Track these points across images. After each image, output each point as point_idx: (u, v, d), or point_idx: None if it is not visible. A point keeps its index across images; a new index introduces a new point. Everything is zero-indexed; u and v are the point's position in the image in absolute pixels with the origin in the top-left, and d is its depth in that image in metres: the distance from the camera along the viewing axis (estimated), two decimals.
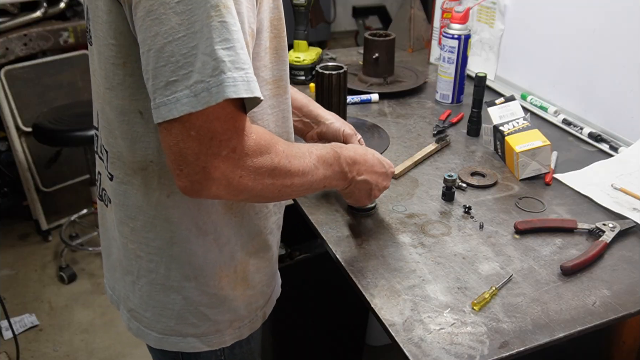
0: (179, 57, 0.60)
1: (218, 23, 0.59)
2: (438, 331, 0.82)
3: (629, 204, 1.10)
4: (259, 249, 0.90)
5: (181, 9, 0.59)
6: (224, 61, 0.60)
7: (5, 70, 2.52)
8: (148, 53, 0.62)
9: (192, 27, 0.59)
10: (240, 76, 0.61)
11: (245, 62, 0.62)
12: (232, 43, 0.61)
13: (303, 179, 0.77)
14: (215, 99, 0.60)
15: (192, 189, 0.66)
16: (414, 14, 2.04)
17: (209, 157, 0.64)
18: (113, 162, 0.81)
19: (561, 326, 0.83)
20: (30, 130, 2.48)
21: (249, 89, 0.62)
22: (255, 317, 0.94)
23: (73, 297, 2.42)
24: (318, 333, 1.74)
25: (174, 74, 0.60)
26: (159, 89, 0.61)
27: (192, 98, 0.60)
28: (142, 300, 0.87)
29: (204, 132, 0.62)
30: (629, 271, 0.95)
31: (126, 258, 0.86)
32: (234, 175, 0.67)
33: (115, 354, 2.14)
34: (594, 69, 1.40)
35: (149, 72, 0.62)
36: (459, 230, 1.05)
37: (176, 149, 0.63)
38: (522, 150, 1.19)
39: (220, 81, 0.60)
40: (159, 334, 0.88)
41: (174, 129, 0.62)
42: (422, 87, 1.72)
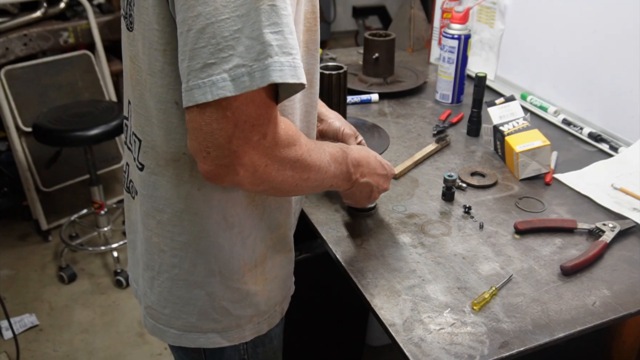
0: (220, 39, 0.59)
1: (268, 6, 0.59)
2: (438, 331, 0.82)
3: (629, 204, 1.10)
4: (277, 243, 0.90)
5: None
6: (272, 45, 0.59)
7: (5, 70, 2.52)
8: (187, 33, 0.60)
9: (237, 10, 0.58)
10: (288, 61, 0.60)
11: (293, 47, 0.61)
12: (280, 27, 0.60)
13: (318, 174, 0.78)
14: (258, 84, 0.59)
15: (217, 173, 0.65)
16: (414, 14, 2.04)
17: (241, 141, 0.62)
18: (146, 152, 0.80)
19: (561, 326, 0.83)
20: (30, 130, 2.48)
21: (296, 75, 0.61)
22: (274, 313, 0.94)
23: (73, 297, 2.42)
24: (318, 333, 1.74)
25: (212, 56, 0.59)
26: (194, 71, 0.60)
27: (228, 82, 0.59)
28: (160, 296, 0.86)
29: (239, 114, 0.61)
30: (629, 271, 0.95)
31: (148, 252, 0.85)
32: (261, 163, 0.66)
33: (115, 354, 2.14)
34: (594, 69, 1.40)
35: (185, 52, 0.61)
36: (459, 230, 1.05)
37: (207, 130, 0.62)
38: (522, 150, 1.19)
39: (266, 65, 0.59)
40: (178, 331, 0.88)
41: (208, 110, 0.61)
42: (422, 87, 1.72)
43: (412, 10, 2.04)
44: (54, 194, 2.81)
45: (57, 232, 2.73)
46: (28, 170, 2.66)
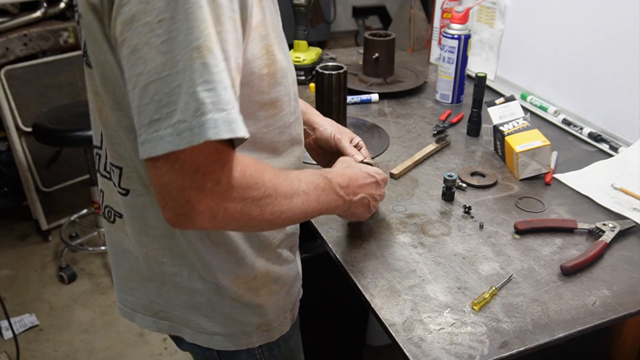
0: (163, 95, 0.60)
1: (200, 64, 0.60)
2: (438, 331, 0.82)
3: (629, 204, 1.10)
4: (275, 256, 0.91)
5: (165, 48, 0.60)
6: (205, 103, 0.60)
7: (5, 70, 2.52)
8: (133, 91, 0.62)
9: (175, 66, 0.60)
10: (222, 117, 0.61)
11: (227, 103, 0.62)
12: (213, 84, 0.61)
13: (293, 207, 0.78)
14: (197, 139, 0.60)
15: (177, 222, 0.67)
16: (414, 14, 2.04)
17: (192, 191, 0.64)
18: (130, 177, 0.81)
19: (561, 326, 0.83)
20: (30, 130, 2.48)
21: (231, 130, 0.62)
22: (284, 320, 0.96)
23: (73, 297, 2.42)
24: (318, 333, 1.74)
25: (157, 112, 0.61)
26: (143, 127, 0.62)
27: (175, 137, 0.60)
28: (170, 302, 0.89)
29: (187, 165, 0.63)
30: (629, 271, 0.95)
31: (148, 266, 0.88)
32: (219, 208, 0.67)
33: (115, 354, 2.14)
34: (594, 69, 1.40)
35: (134, 109, 0.63)
36: (459, 230, 1.05)
37: (160, 182, 0.64)
38: (522, 150, 1.19)
39: (202, 122, 0.60)
40: (192, 330, 0.91)
41: (159, 163, 0.63)
42: (422, 87, 1.72)
43: (412, 10, 2.04)
44: (54, 194, 2.81)
45: (57, 232, 2.74)
46: (28, 170, 2.66)
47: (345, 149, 1.04)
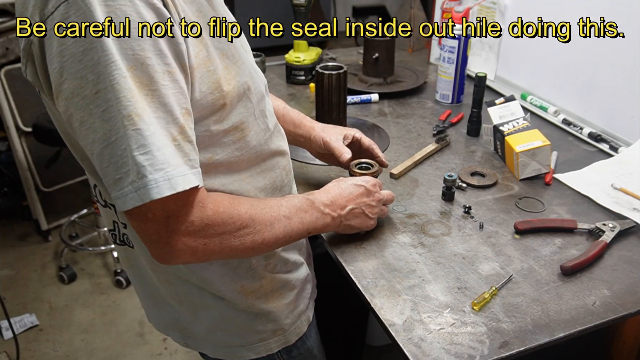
0: (117, 158, 0.65)
1: (132, 131, 0.64)
2: (438, 331, 0.82)
3: (629, 204, 1.10)
4: (280, 264, 0.93)
5: (107, 116, 0.64)
6: (144, 165, 0.64)
7: (5, 70, 2.52)
8: (93, 157, 0.67)
9: (118, 132, 0.64)
10: (161, 176, 0.65)
11: (163, 162, 0.65)
12: (148, 148, 0.64)
13: (275, 232, 0.80)
14: (147, 198, 0.65)
15: (163, 260, 0.73)
16: (414, 14, 2.04)
17: (169, 234, 0.69)
18: (121, 213, 0.84)
19: (561, 326, 0.83)
20: (30, 130, 2.48)
21: (171, 186, 0.66)
22: (300, 323, 0.98)
23: (73, 297, 2.42)
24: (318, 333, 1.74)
25: (117, 172, 0.66)
26: (110, 186, 0.67)
27: (134, 194, 0.65)
28: (190, 319, 0.93)
29: (159, 214, 0.68)
30: (629, 271, 0.95)
31: (164, 288, 0.91)
32: (198, 245, 0.72)
33: (115, 354, 2.14)
34: (594, 69, 1.40)
35: (99, 172, 0.68)
36: (459, 230, 1.05)
37: (139, 230, 0.70)
38: (522, 150, 1.19)
39: (145, 184, 0.65)
40: (213, 345, 0.94)
41: (134, 214, 0.68)
42: (422, 87, 1.72)
43: (412, 10, 2.04)
44: (54, 194, 2.81)
45: (57, 232, 2.73)
46: (28, 170, 2.66)
47: (334, 150, 1.06)
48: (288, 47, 1.80)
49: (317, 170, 1.25)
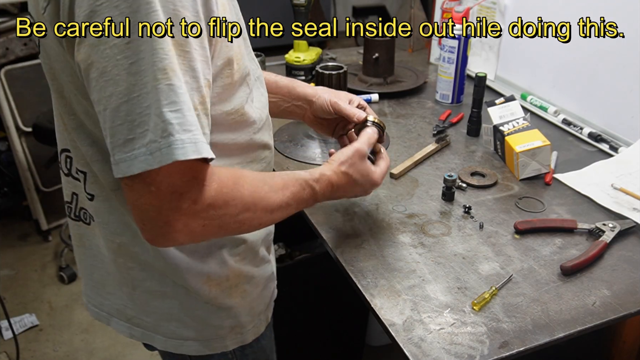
0: (135, 115, 0.61)
1: (165, 86, 0.61)
2: (438, 331, 0.82)
3: (629, 204, 1.10)
4: (249, 256, 0.90)
5: (134, 69, 0.60)
6: (172, 123, 0.61)
7: (5, 70, 2.52)
8: (104, 112, 0.63)
9: (144, 87, 0.60)
10: (189, 138, 0.62)
11: (192, 124, 0.63)
12: (179, 105, 0.61)
13: (274, 218, 0.79)
14: (166, 160, 0.61)
15: (156, 241, 0.68)
16: (414, 14, 2.04)
17: (170, 212, 0.65)
18: (93, 182, 0.81)
19: (561, 326, 0.83)
20: (30, 130, 2.48)
21: (197, 150, 0.63)
22: (259, 322, 0.95)
23: (73, 297, 2.42)
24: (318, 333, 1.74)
25: (131, 132, 0.61)
26: (118, 146, 0.62)
27: (148, 156, 0.61)
28: (141, 308, 0.88)
29: (163, 187, 0.64)
30: (629, 271, 0.95)
31: (118, 272, 0.87)
32: (196, 226, 0.68)
33: (115, 354, 2.14)
34: (594, 69, 1.40)
35: (106, 129, 0.63)
36: (459, 230, 1.05)
37: (138, 205, 0.65)
38: (522, 150, 1.19)
39: (170, 143, 0.61)
40: (164, 337, 0.89)
41: (135, 184, 0.63)
42: (422, 87, 1.72)
43: (412, 10, 2.04)
44: (54, 194, 2.81)
45: (57, 232, 2.74)
46: (28, 170, 2.66)
47: (344, 110, 1.01)
48: (288, 47, 1.80)
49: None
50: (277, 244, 1.68)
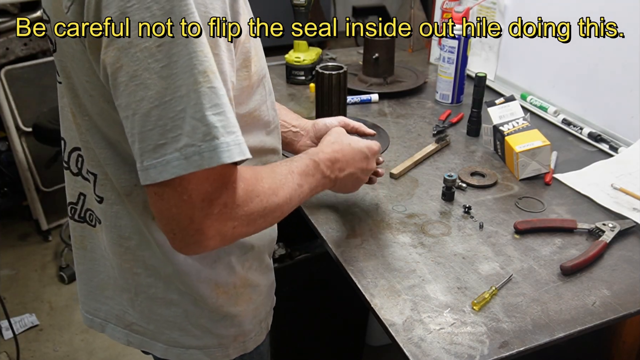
0: (167, 120, 0.60)
1: (207, 89, 0.59)
2: (438, 331, 0.82)
3: (628, 204, 1.10)
4: (255, 262, 0.90)
5: (167, 73, 0.59)
6: (217, 127, 0.60)
7: (5, 70, 2.52)
8: (133, 117, 0.61)
9: (178, 90, 0.59)
10: (233, 140, 0.61)
11: (234, 125, 0.62)
12: (222, 108, 0.61)
13: (290, 203, 0.78)
14: (209, 163, 0.60)
15: (188, 250, 0.67)
16: (414, 14, 2.04)
17: (202, 219, 0.64)
18: (103, 185, 0.80)
19: (561, 326, 0.83)
20: (30, 130, 2.48)
21: (241, 152, 0.62)
22: (260, 330, 0.94)
23: (73, 297, 2.42)
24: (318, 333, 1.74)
25: (162, 137, 0.60)
26: (147, 152, 0.61)
27: (182, 161, 0.59)
28: (143, 314, 0.87)
29: (196, 194, 0.62)
30: (629, 271, 0.95)
31: (122, 277, 0.86)
32: (228, 229, 0.67)
33: (115, 354, 2.14)
34: (594, 69, 1.40)
35: (134, 135, 0.61)
36: (459, 230, 1.05)
37: (168, 214, 0.63)
38: (522, 150, 1.19)
39: (214, 146, 0.60)
40: (165, 345, 0.89)
41: (166, 193, 0.62)
42: (422, 87, 1.72)
43: (412, 10, 2.04)
44: (54, 193, 2.81)
45: (57, 232, 2.73)
46: (28, 170, 2.66)
47: (353, 124, 1.05)
48: (288, 47, 1.80)
49: None
50: (277, 244, 1.68)
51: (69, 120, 0.83)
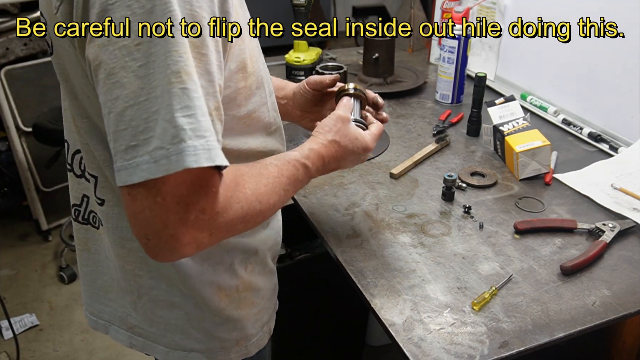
0: (140, 121, 0.58)
1: (179, 90, 0.58)
2: (438, 331, 0.82)
3: (628, 204, 1.10)
4: (258, 266, 0.90)
5: (143, 72, 0.57)
6: (185, 129, 0.58)
7: (5, 70, 2.52)
8: (109, 116, 0.60)
9: (153, 91, 0.57)
10: (201, 144, 0.59)
11: (206, 130, 0.59)
12: (193, 110, 0.58)
13: (274, 209, 0.76)
14: (175, 167, 0.58)
15: (161, 257, 0.64)
16: (414, 14, 2.04)
17: (177, 224, 0.61)
18: (104, 187, 0.80)
19: (561, 326, 0.83)
20: (30, 130, 2.48)
21: (210, 157, 0.59)
22: (262, 334, 0.94)
23: (73, 297, 2.42)
24: (318, 333, 1.74)
25: (134, 138, 0.58)
26: (119, 152, 0.59)
27: (152, 164, 0.57)
28: (145, 317, 0.87)
29: (170, 197, 0.60)
30: (629, 271, 0.95)
31: (124, 279, 0.85)
32: (204, 235, 0.64)
33: (115, 354, 2.14)
34: (594, 69, 1.40)
35: (110, 134, 0.60)
36: (459, 230, 1.05)
37: (142, 217, 0.60)
38: (522, 150, 1.19)
39: (181, 150, 0.57)
40: (166, 348, 0.88)
41: (139, 195, 0.59)
42: (422, 87, 1.72)
43: (412, 10, 2.04)
44: (54, 193, 2.81)
45: (57, 232, 2.73)
46: (28, 170, 2.66)
47: (316, 79, 0.99)
48: (288, 47, 1.80)
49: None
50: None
51: (70, 123, 0.82)
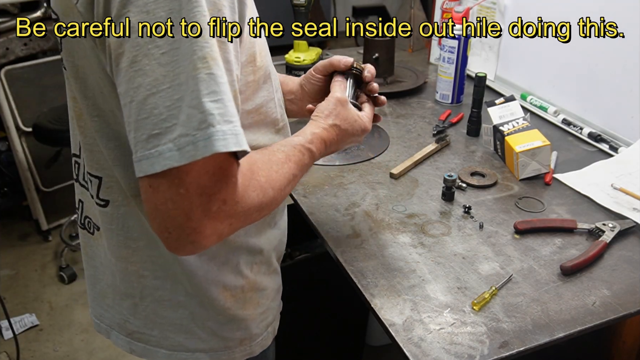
0: (163, 109, 0.57)
1: (205, 75, 0.57)
2: (438, 331, 0.82)
3: (628, 204, 1.10)
4: (263, 266, 0.90)
5: (166, 60, 0.57)
6: (213, 114, 0.57)
7: (5, 70, 2.52)
8: (130, 105, 0.59)
9: (177, 78, 0.57)
10: (230, 129, 0.58)
11: (233, 115, 0.59)
12: (220, 95, 0.58)
13: (284, 194, 0.76)
14: (202, 153, 0.57)
15: (183, 250, 0.63)
16: (414, 14, 2.04)
17: (199, 216, 0.60)
18: (110, 187, 0.79)
19: (561, 326, 0.83)
20: (30, 130, 2.48)
21: (238, 142, 0.59)
22: (267, 334, 0.94)
23: (73, 297, 2.42)
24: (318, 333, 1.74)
25: (156, 126, 0.57)
26: (141, 142, 0.58)
27: (175, 152, 0.57)
28: (147, 320, 0.86)
29: (193, 188, 0.59)
30: (629, 271, 0.95)
31: (125, 281, 0.85)
32: (224, 227, 0.64)
33: (115, 354, 2.14)
34: (594, 69, 1.40)
35: (130, 124, 0.59)
36: (459, 230, 1.05)
37: (164, 209, 0.59)
38: (522, 150, 1.19)
39: (209, 134, 0.57)
40: (168, 351, 0.88)
41: (161, 186, 0.58)
42: (422, 87, 1.72)
43: (412, 10, 2.04)
44: (54, 193, 2.81)
45: (57, 232, 2.73)
46: (28, 170, 2.66)
47: (329, 62, 0.96)
48: (288, 47, 1.80)
49: (317, 170, 1.25)
50: None
51: (73, 125, 0.82)
